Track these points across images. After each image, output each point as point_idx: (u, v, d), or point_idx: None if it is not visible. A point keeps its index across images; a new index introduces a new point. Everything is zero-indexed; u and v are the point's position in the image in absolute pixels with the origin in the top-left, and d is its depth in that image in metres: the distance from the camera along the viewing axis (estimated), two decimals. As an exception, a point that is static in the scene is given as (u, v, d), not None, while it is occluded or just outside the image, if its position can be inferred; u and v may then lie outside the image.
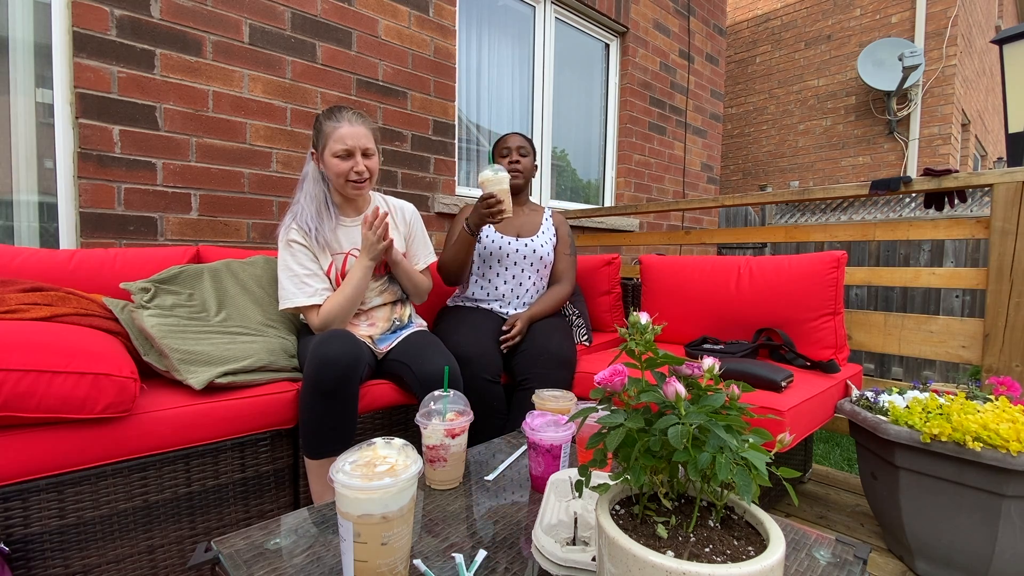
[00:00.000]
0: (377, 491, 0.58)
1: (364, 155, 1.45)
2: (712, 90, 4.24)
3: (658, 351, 0.60)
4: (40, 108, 1.62)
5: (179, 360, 1.19)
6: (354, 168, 1.43)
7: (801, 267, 1.71)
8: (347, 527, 0.59)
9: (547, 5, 3.12)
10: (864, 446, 1.36)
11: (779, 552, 0.47)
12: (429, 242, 1.72)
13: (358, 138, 1.42)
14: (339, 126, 1.41)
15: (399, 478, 0.59)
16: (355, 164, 1.43)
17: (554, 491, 0.82)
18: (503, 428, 1.53)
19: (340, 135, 1.41)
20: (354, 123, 1.43)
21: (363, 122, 1.45)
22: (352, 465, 0.62)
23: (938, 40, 4.97)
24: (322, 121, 1.45)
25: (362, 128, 1.44)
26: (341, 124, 1.41)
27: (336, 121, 1.42)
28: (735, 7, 6.46)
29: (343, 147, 1.41)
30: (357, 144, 1.42)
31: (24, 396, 0.92)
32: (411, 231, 1.67)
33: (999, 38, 2.68)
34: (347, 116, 1.43)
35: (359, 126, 1.43)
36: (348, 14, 2.16)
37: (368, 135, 1.45)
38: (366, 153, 1.45)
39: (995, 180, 1.54)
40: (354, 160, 1.43)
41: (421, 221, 1.71)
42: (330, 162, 1.43)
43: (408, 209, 1.69)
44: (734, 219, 4.79)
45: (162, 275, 1.39)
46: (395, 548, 0.60)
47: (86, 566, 1.01)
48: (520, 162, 1.87)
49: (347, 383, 1.22)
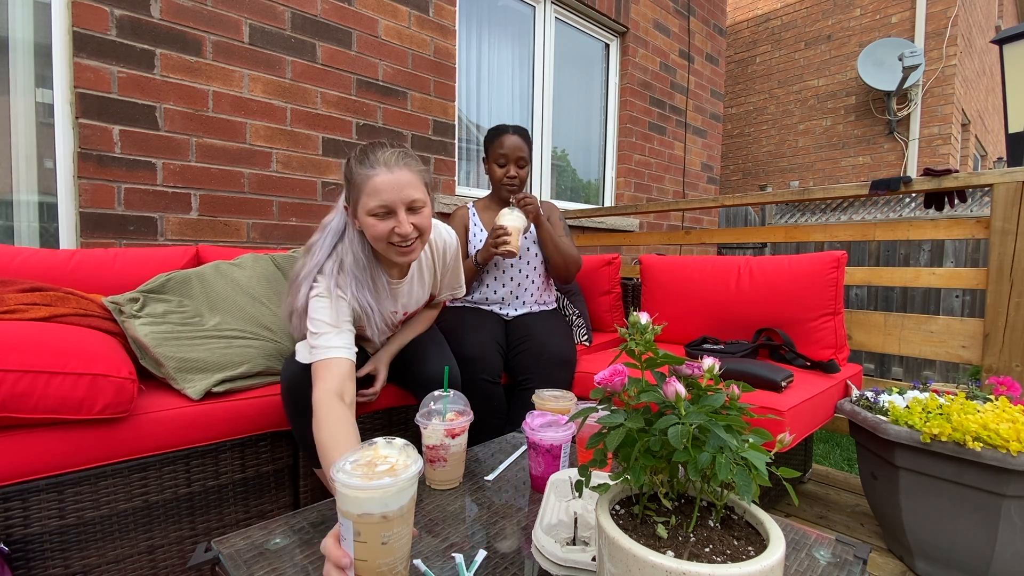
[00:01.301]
0: (377, 490, 0.58)
1: (410, 209, 1.08)
2: (712, 90, 4.24)
3: (658, 351, 0.60)
4: (40, 108, 1.62)
5: (175, 369, 1.18)
6: (396, 230, 1.07)
7: (801, 267, 1.71)
8: (347, 526, 0.59)
9: (547, 5, 3.12)
10: (864, 446, 1.36)
11: (779, 552, 0.46)
12: (461, 274, 1.50)
13: (400, 189, 1.06)
14: (374, 174, 1.05)
15: (399, 478, 0.59)
16: (398, 225, 1.07)
17: (554, 491, 0.82)
18: (503, 428, 1.53)
19: (375, 187, 1.05)
20: (393, 168, 1.06)
21: (406, 164, 1.08)
22: (353, 464, 0.62)
23: (938, 40, 4.97)
24: (354, 168, 1.08)
25: (404, 173, 1.07)
26: (376, 171, 1.05)
27: (370, 168, 1.06)
28: (735, 7, 6.46)
29: (380, 204, 1.05)
30: (398, 197, 1.06)
31: (22, 396, 0.91)
32: (446, 268, 1.43)
33: (999, 38, 2.68)
34: (384, 159, 1.06)
35: (400, 171, 1.06)
36: (348, 14, 2.16)
37: (414, 180, 1.08)
38: (412, 206, 1.08)
39: (995, 180, 1.54)
40: (396, 219, 1.07)
41: (459, 253, 1.45)
42: (366, 222, 1.08)
43: (452, 248, 1.39)
44: (734, 219, 4.79)
45: (149, 285, 1.36)
46: (395, 548, 0.60)
47: (86, 566, 1.01)
48: (517, 176, 1.79)
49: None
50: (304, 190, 2.06)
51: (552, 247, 1.76)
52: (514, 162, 1.78)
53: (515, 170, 1.78)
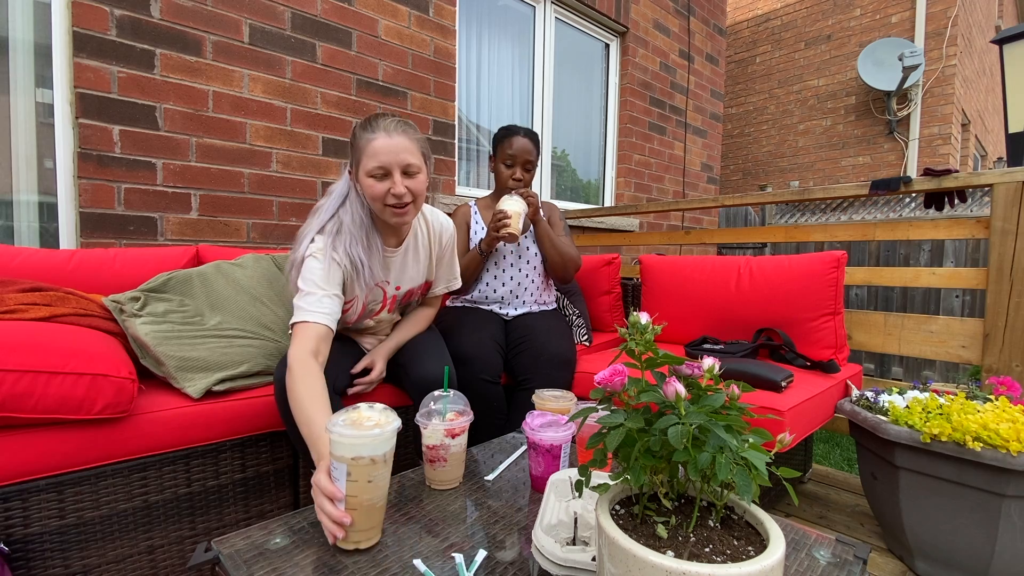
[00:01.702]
0: (368, 438, 0.73)
1: (405, 173, 1.18)
2: (712, 90, 4.24)
3: (658, 351, 0.60)
4: (40, 108, 1.62)
5: (176, 368, 1.18)
6: (391, 190, 1.17)
7: (801, 267, 1.71)
8: (341, 468, 0.73)
9: (547, 5, 3.12)
10: (864, 446, 1.36)
11: (779, 552, 0.46)
12: (457, 266, 1.55)
13: (396, 152, 1.16)
14: (374, 138, 1.15)
15: (385, 429, 0.75)
16: (392, 185, 1.17)
17: (554, 491, 0.82)
18: (503, 428, 1.53)
19: (374, 149, 1.15)
20: (392, 133, 1.16)
21: (404, 131, 1.18)
22: (344, 420, 0.76)
23: (938, 40, 4.97)
24: (357, 133, 1.20)
25: (402, 139, 1.17)
26: (376, 135, 1.15)
27: (371, 132, 1.16)
28: (735, 7, 6.46)
29: (378, 164, 1.15)
30: (395, 160, 1.16)
31: (22, 396, 0.91)
32: (443, 253, 1.48)
33: (999, 38, 2.68)
34: (384, 125, 1.17)
35: (398, 136, 1.16)
36: (348, 14, 2.16)
37: (411, 147, 1.18)
38: (407, 170, 1.18)
39: (995, 180, 1.54)
40: (391, 180, 1.17)
41: (455, 241, 1.52)
42: (365, 183, 1.18)
43: (448, 231, 1.47)
44: (734, 219, 4.79)
45: (151, 284, 1.36)
46: (379, 486, 0.75)
47: (86, 566, 1.01)
48: (522, 179, 1.79)
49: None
50: (304, 190, 2.06)
51: (549, 245, 1.76)
52: (521, 165, 1.78)
53: (521, 173, 1.79)
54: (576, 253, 1.82)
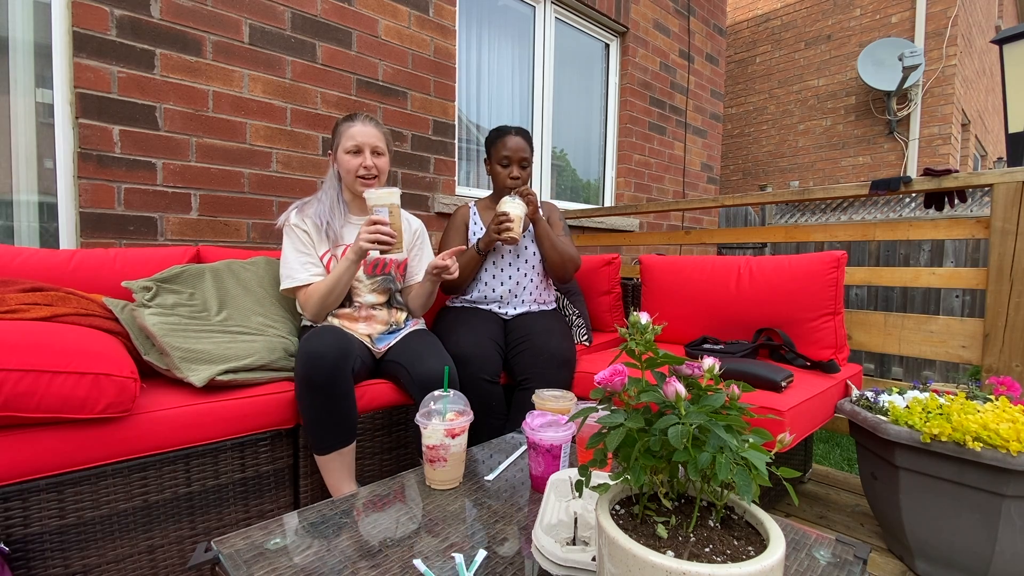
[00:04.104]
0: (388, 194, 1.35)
1: (374, 153, 1.54)
2: (712, 90, 4.24)
3: (658, 351, 0.60)
4: (40, 108, 1.62)
5: (180, 358, 1.19)
6: (363, 163, 1.52)
7: (801, 267, 1.71)
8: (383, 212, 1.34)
9: (547, 5, 3.12)
10: (864, 446, 1.36)
11: (779, 552, 0.47)
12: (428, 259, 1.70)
13: (368, 136, 1.52)
14: (352, 125, 1.53)
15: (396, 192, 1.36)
16: (364, 160, 1.52)
17: (554, 491, 0.82)
18: (503, 428, 1.53)
19: (351, 133, 1.52)
20: (366, 124, 1.54)
21: (375, 124, 1.56)
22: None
23: (938, 40, 4.97)
24: (338, 123, 1.57)
25: (373, 128, 1.54)
26: (354, 124, 1.53)
27: (350, 121, 1.54)
28: (735, 7, 6.46)
29: (353, 143, 1.51)
30: (367, 142, 1.52)
31: (24, 396, 0.92)
32: (414, 244, 1.70)
33: (999, 38, 2.68)
34: (360, 117, 1.55)
35: (370, 126, 1.54)
36: (348, 14, 2.16)
37: (379, 135, 1.55)
38: (376, 151, 1.55)
39: (995, 180, 1.54)
40: (363, 156, 1.52)
41: (428, 238, 1.77)
42: (342, 158, 1.53)
43: (415, 223, 1.74)
44: (734, 219, 4.79)
45: (164, 274, 1.38)
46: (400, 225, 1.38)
47: (86, 566, 1.01)
48: (520, 177, 1.81)
49: (337, 375, 1.23)
50: (304, 190, 2.06)
51: (548, 244, 1.76)
52: (517, 163, 1.80)
53: (518, 171, 1.81)
54: (575, 253, 1.83)
